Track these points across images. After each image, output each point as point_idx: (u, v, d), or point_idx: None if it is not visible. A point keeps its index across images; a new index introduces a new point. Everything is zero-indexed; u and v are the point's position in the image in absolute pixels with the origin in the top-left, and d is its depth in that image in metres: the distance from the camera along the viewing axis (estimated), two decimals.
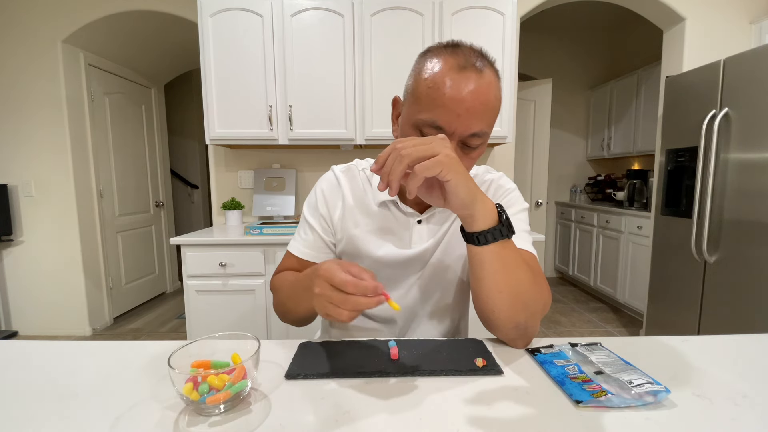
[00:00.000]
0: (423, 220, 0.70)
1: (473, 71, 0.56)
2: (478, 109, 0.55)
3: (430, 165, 0.46)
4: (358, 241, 0.71)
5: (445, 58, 0.57)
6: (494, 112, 0.58)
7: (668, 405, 0.43)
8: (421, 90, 0.57)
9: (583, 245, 3.47)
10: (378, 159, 0.50)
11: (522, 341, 0.58)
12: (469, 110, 0.55)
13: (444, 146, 0.48)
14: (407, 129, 0.60)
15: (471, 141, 0.58)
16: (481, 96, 0.55)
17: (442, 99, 0.55)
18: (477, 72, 0.56)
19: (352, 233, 0.72)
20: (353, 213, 0.72)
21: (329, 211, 0.73)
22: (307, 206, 0.76)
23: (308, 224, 0.74)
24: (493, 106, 0.58)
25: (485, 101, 0.56)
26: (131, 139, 3.06)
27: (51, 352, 0.58)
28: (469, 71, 0.55)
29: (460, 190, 0.48)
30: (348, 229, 0.72)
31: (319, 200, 0.74)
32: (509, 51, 1.95)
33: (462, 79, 0.55)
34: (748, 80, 1.69)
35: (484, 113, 0.56)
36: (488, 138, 0.60)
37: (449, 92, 0.55)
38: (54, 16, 2.36)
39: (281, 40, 1.91)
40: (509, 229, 0.52)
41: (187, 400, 0.42)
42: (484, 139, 0.59)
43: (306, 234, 0.74)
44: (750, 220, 1.69)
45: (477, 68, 0.56)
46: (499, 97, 0.59)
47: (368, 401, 0.45)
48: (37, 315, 2.60)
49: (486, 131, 0.58)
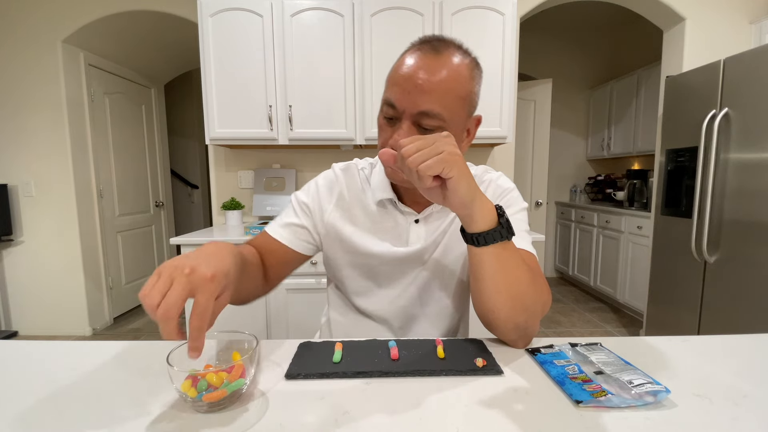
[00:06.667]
0: (420, 220, 0.70)
1: (430, 51, 0.57)
2: (426, 86, 0.55)
3: (433, 163, 0.46)
4: (355, 238, 0.70)
5: (414, 44, 0.59)
6: (451, 95, 0.57)
7: (668, 405, 0.43)
8: (388, 74, 0.61)
9: (583, 245, 3.47)
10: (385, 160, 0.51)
11: (522, 341, 0.58)
12: (417, 87, 0.55)
13: (447, 143, 0.48)
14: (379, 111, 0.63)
15: (424, 121, 0.57)
16: (434, 75, 0.55)
17: (396, 77, 0.58)
18: (434, 52, 0.56)
19: (349, 230, 0.71)
20: (351, 210, 0.72)
21: (320, 205, 0.72)
22: (298, 194, 0.75)
23: (293, 209, 0.73)
24: (448, 88, 0.56)
25: (438, 81, 0.55)
26: (131, 139, 3.06)
27: (51, 352, 0.58)
28: (425, 51, 0.57)
29: (460, 187, 0.48)
30: (342, 227, 0.71)
31: (311, 192, 0.73)
32: (509, 51, 1.95)
33: (416, 58, 0.57)
34: (748, 80, 1.69)
35: (434, 92, 0.55)
36: (453, 125, 0.58)
37: (402, 70, 0.57)
38: (54, 16, 2.36)
39: (281, 40, 1.91)
40: (509, 231, 0.52)
41: (186, 398, 0.42)
42: (441, 123, 0.57)
43: (288, 217, 0.73)
44: (750, 220, 1.69)
45: (434, 48, 0.57)
46: (462, 82, 0.57)
47: (368, 401, 0.45)
48: (37, 315, 2.60)
49: (439, 113, 0.56)
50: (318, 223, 0.72)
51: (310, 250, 0.74)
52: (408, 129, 0.57)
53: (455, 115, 0.58)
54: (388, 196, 0.69)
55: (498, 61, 1.95)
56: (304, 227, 0.72)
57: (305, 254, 0.73)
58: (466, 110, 0.60)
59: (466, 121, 0.62)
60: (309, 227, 0.72)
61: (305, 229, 0.72)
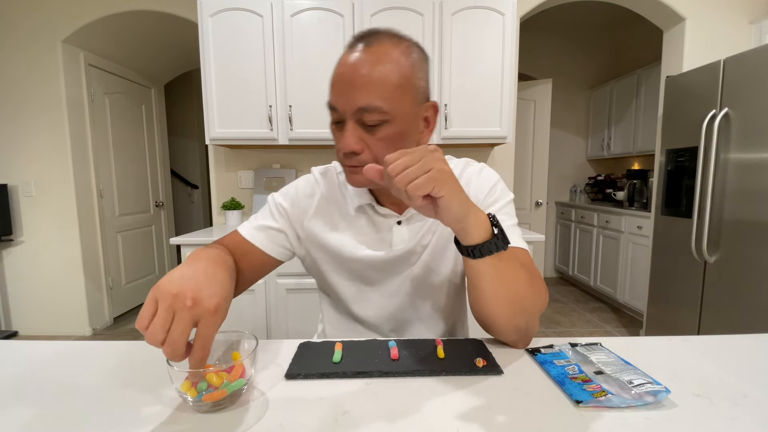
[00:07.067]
0: (403, 221, 0.67)
1: (360, 46, 0.56)
2: (359, 82, 0.54)
3: (422, 183, 0.44)
4: (337, 243, 0.68)
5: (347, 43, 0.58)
6: (387, 85, 0.54)
7: (668, 405, 0.43)
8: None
9: (583, 245, 3.47)
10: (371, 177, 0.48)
11: (522, 342, 0.58)
12: (349, 84, 0.54)
13: (435, 159, 0.46)
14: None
15: (365, 117, 0.55)
16: (365, 69, 0.54)
17: (332, 80, 0.57)
18: (364, 46, 0.55)
19: (331, 236, 0.68)
20: (331, 216, 0.69)
21: (300, 211, 0.69)
22: (276, 196, 0.71)
23: (270, 212, 0.70)
24: (382, 79, 0.54)
25: (369, 74, 0.53)
26: (131, 139, 3.06)
27: (51, 352, 0.58)
28: (355, 48, 0.56)
29: (452, 205, 0.46)
30: (324, 233, 0.69)
31: (291, 196, 0.70)
32: (509, 51, 1.95)
33: (346, 57, 0.56)
34: (748, 80, 1.69)
35: (367, 86, 0.53)
36: (399, 116, 0.56)
37: (335, 72, 0.57)
38: (54, 16, 2.36)
39: (281, 40, 1.91)
40: (504, 241, 0.50)
41: (185, 398, 0.42)
42: (384, 116, 0.54)
43: (264, 219, 0.69)
44: (750, 220, 1.69)
45: (365, 42, 0.56)
46: (397, 70, 0.55)
47: (368, 401, 0.45)
48: (37, 315, 2.60)
49: (378, 106, 0.54)
50: (297, 228, 0.70)
51: (285, 255, 0.71)
52: (353, 129, 0.56)
53: (398, 105, 0.55)
54: (366, 201, 0.66)
55: (498, 61, 1.95)
56: (281, 231, 0.69)
57: (280, 259, 0.70)
58: (411, 98, 0.57)
59: (417, 110, 0.59)
60: (287, 232, 0.69)
61: (282, 233, 0.69)
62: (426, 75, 0.60)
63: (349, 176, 0.60)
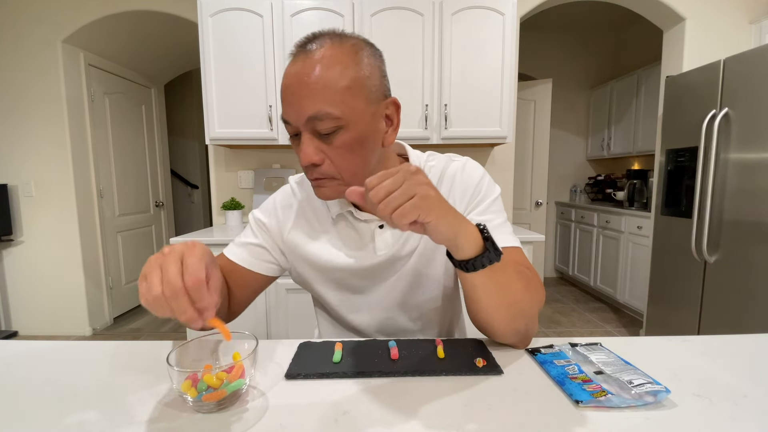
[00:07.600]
0: (385, 225, 0.65)
1: (301, 55, 0.53)
2: (303, 91, 0.51)
3: (407, 212, 0.42)
4: (319, 253, 0.66)
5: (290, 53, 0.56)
6: (333, 88, 0.51)
7: (668, 405, 0.43)
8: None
9: (583, 245, 3.47)
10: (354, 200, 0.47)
11: (522, 343, 0.58)
12: (295, 95, 0.52)
13: (418, 183, 0.43)
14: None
15: (318, 126, 0.52)
16: (306, 76, 0.51)
17: (281, 94, 0.55)
18: (304, 53, 0.53)
19: (312, 247, 0.67)
20: (311, 225, 0.68)
21: (279, 224, 0.68)
22: (256, 212, 0.70)
23: (251, 229, 0.69)
24: (326, 84, 0.51)
25: (312, 81, 0.51)
26: (131, 139, 3.06)
27: (51, 352, 0.58)
28: (297, 58, 0.54)
29: (440, 227, 0.45)
30: (304, 244, 0.67)
31: (269, 210, 0.69)
32: (509, 51, 1.95)
33: (289, 68, 0.54)
34: (748, 80, 1.69)
35: (312, 94, 0.51)
36: (354, 120, 0.53)
37: (282, 85, 0.54)
38: (54, 16, 2.36)
39: (281, 40, 1.91)
40: (496, 253, 0.49)
41: (185, 398, 0.42)
42: (337, 121, 0.52)
43: (246, 237, 0.69)
44: (750, 220, 1.69)
45: (306, 50, 0.53)
46: (340, 71, 0.52)
47: (368, 401, 0.45)
48: (37, 315, 2.60)
49: (328, 112, 0.51)
50: (278, 242, 0.68)
51: (273, 270, 0.70)
52: (309, 140, 0.54)
53: (349, 109, 0.52)
54: (346, 208, 0.65)
55: (498, 61, 1.95)
56: (262, 247, 0.67)
57: (266, 275, 0.69)
58: (363, 98, 0.54)
59: (375, 109, 0.55)
60: (267, 247, 0.68)
61: (263, 248, 0.67)
62: (380, 72, 0.58)
63: (316, 189, 0.58)
